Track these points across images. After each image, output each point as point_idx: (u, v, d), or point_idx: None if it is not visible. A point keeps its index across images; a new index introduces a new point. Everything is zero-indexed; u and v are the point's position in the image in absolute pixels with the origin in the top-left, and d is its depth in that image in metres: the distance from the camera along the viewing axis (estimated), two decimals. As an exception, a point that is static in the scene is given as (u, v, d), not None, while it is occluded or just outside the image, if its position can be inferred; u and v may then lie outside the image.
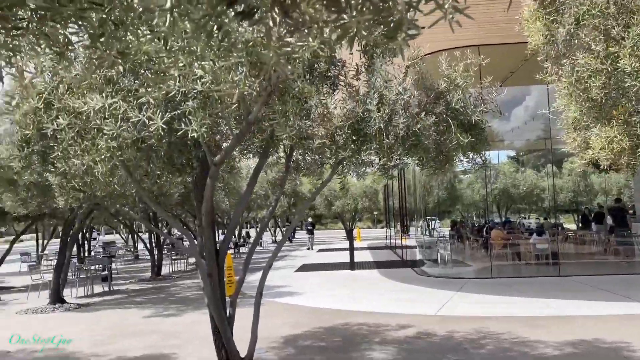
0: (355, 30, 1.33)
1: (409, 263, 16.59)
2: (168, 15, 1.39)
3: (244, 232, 31.88)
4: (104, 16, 1.68)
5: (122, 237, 32.07)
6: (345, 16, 1.33)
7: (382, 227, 40.13)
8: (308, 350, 6.65)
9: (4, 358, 6.85)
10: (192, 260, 19.92)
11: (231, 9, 1.31)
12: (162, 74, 2.28)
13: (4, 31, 1.68)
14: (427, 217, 17.86)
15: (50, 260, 18.56)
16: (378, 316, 8.62)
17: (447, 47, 9.55)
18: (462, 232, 19.24)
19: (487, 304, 9.32)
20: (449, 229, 19.65)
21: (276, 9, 1.37)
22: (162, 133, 3.13)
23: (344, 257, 17.53)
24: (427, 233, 17.32)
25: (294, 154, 5.67)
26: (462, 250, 18.11)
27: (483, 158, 4.82)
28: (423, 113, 4.32)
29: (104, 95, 3.12)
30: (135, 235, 24.52)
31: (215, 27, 1.35)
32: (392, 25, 1.37)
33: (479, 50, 10.70)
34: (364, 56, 4.71)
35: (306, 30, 1.38)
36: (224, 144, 5.50)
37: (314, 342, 7.09)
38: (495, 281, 12.11)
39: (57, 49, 1.80)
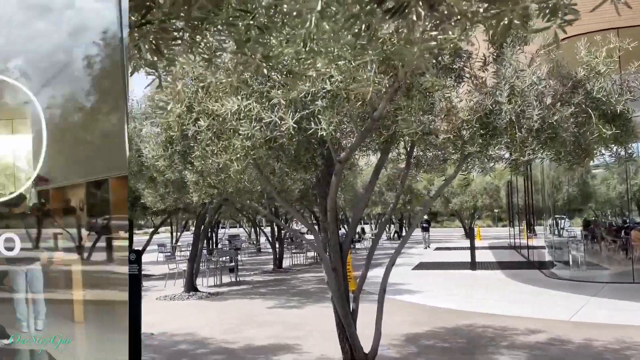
0: (509, 20, 1.26)
1: (536, 264, 15.62)
2: (313, 17, 1.41)
3: (359, 228, 32.09)
4: (250, 22, 1.75)
5: (245, 231, 33.90)
6: (496, 5, 1.26)
7: (504, 226, 38.18)
8: (430, 350, 6.52)
9: (148, 339, 7.57)
10: (310, 254, 20.51)
11: (380, 8, 1.29)
12: (299, 76, 2.36)
13: (162, 41, 1.83)
14: (556, 216, 16.63)
15: (183, 251, 20.16)
16: (504, 319, 8.21)
17: (582, 32, 8.80)
18: (597, 233, 17.64)
19: (630, 311, 8.47)
20: (581, 228, 18.13)
21: (421, 3, 1.34)
22: (293, 132, 3.24)
23: (463, 256, 16.95)
24: (557, 233, 16.14)
25: (415, 150, 5.57)
26: (597, 252, 16.65)
27: (629, 151, 4.38)
28: (559, 104, 4.02)
29: (239, 97, 3.31)
30: (258, 229, 25.77)
31: (362, 26, 1.35)
32: (547, 11, 1.28)
33: (618, 33, 9.72)
34: (492, 46, 4.49)
35: (452, 23, 1.33)
36: (344, 142, 5.57)
37: (436, 342, 6.94)
38: (638, 287, 10.98)
39: (206, 56, 1.93)
